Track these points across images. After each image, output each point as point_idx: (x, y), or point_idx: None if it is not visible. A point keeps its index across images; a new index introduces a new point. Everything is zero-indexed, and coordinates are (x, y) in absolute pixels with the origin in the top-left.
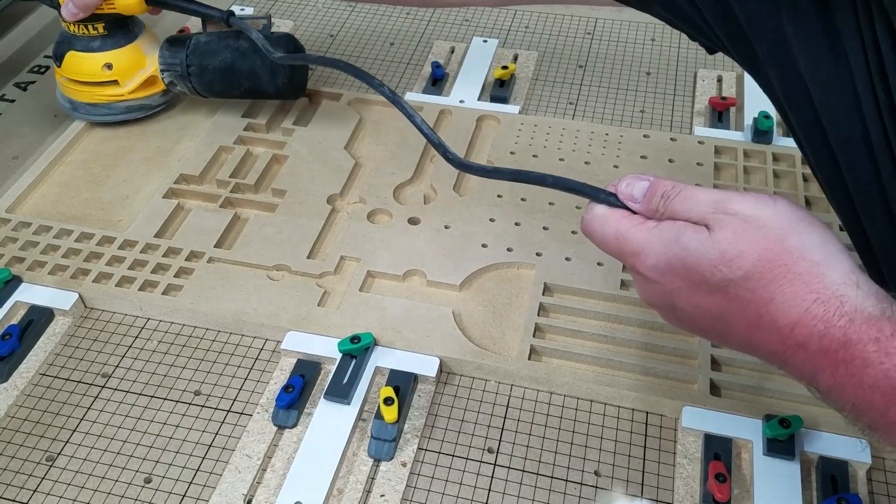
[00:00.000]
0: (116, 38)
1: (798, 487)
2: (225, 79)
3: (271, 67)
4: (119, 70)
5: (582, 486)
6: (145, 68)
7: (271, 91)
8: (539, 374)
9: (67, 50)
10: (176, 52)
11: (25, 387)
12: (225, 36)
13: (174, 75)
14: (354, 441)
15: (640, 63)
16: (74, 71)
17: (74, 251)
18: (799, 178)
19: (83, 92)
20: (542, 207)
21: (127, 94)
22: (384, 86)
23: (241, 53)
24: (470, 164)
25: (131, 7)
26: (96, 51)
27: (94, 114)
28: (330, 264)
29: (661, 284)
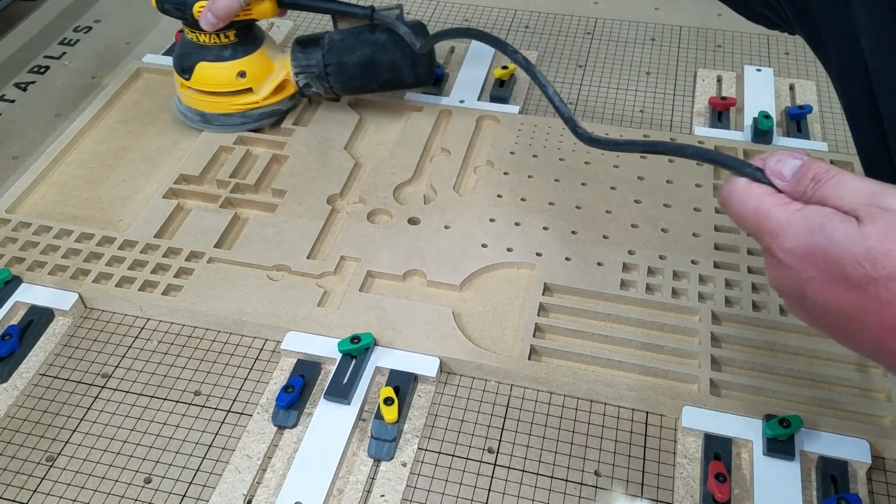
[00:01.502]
0: (246, 46)
1: (798, 487)
2: (365, 73)
3: (412, 57)
4: (252, 77)
5: (582, 486)
6: (275, 73)
7: (411, 81)
8: (539, 374)
9: (197, 61)
10: (310, 53)
11: (25, 387)
12: (359, 31)
13: (310, 76)
14: (354, 441)
15: (640, 63)
16: (207, 82)
17: (74, 251)
18: None
19: (217, 103)
20: (542, 207)
21: (261, 100)
22: (518, 52)
23: (381, 46)
24: (599, 139)
25: (266, 12)
26: (228, 59)
27: (228, 124)
28: (330, 264)
29: (795, 270)
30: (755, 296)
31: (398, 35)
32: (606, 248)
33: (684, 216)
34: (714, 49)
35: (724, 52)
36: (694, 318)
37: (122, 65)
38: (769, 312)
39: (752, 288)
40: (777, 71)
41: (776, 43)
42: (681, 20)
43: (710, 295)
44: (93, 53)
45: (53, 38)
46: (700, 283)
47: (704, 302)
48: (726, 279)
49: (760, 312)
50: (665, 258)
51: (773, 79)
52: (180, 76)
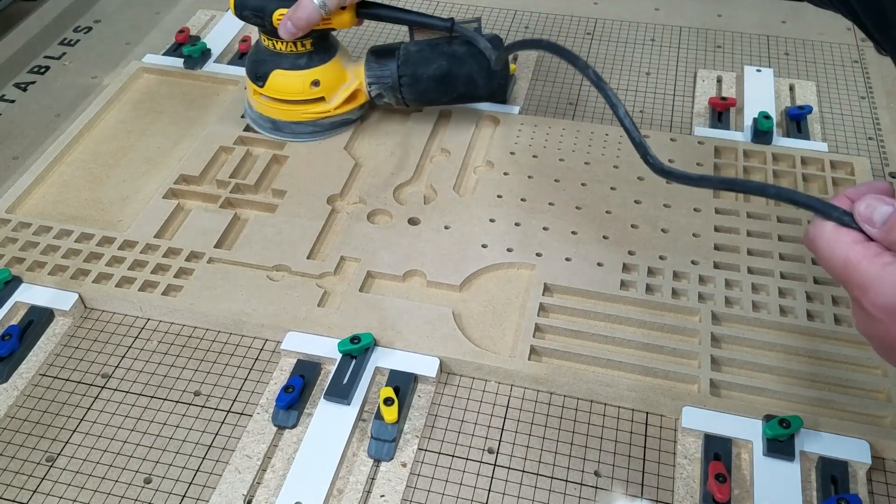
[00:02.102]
0: (321, 54)
1: (798, 488)
2: (440, 86)
3: (488, 70)
4: (325, 86)
5: (582, 486)
6: (348, 82)
7: (486, 94)
8: (539, 374)
9: (272, 69)
10: (385, 64)
11: (25, 387)
12: (436, 43)
13: (383, 87)
14: (354, 441)
15: (640, 63)
16: (281, 90)
17: (74, 251)
18: (799, 178)
19: (290, 111)
20: (542, 208)
21: (333, 109)
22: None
23: (458, 59)
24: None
25: (345, 22)
26: (303, 68)
27: (299, 132)
28: (330, 265)
29: (884, 325)
30: (755, 296)
31: (474, 48)
32: (606, 249)
33: (684, 216)
34: (714, 49)
35: (723, 53)
36: (694, 318)
37: (122, 65)
38: (769, 313)
39: (752, 288)
40: (777, 71)
41: (776, 43)
42: (681, 21)
43: (710, 295)
44: (93, 53)
45: (53, 39)
46: (700, 284)
47: (704, 302)
48: (726, 279)
49: (760, 313)
50: (665, 258)
51: (772, 79)
52: (254, 83)
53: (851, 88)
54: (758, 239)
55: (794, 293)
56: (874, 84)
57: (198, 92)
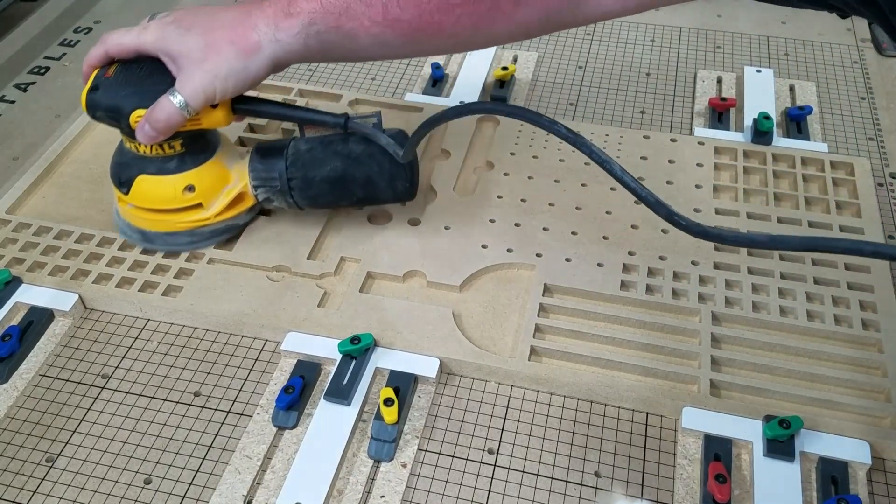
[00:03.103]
0: (195, 155)
1: (798, 488)
2: (335, 190)
3: (389, 172)
4: (202, 191)
5: (582, 486)
6: (230, 184)
7: (388, 197)
8: (539, 374)
9: (136, 174)
10: (272, 165)
11: (25, 388)
12: (329, 141)
13: (271, 191)
14: (354, 442)
15: (640, 64)
16: (148, 198)
17: (74, 252)
18: (799, 179)
19: (160, 221)
20: (542, 208)
21: (213, 217)
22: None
23: (354, 160)
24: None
25: (219, 121)
26: (173, 172)
27: (174, 244)
28: (330, 265)
29: None
30: (755, 296)
31: (374, 146)
32: (606, 249)
33: None
34: (714, 50)
35: (723, 53)
36: (694, 318)
37: None
38: (769, 313)
39: (752, 289)
40: (777, 72)
41: (776, 44)
42: (681, 21)
43: (710, 296)
44: None
45: (54, 39)
46: (700, 284)
47: (704, 303)
48: (726, 280)
49: (760, 313)
50: (665, 259)
51: (773, 80)
52: (118, 188)
53: (851, 89)
54: None
55: (794, 293)
56: (874, 84)
57: None
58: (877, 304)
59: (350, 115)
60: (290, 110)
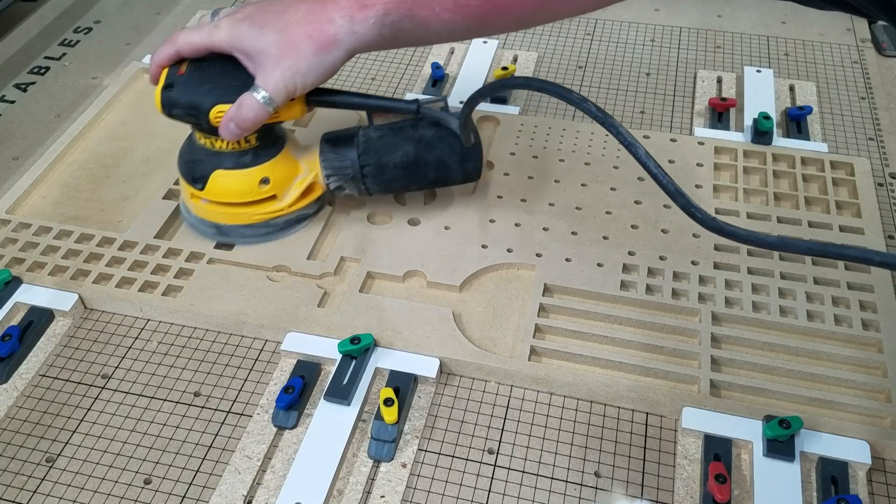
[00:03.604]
0: (268, 149)
1: (798, 488)
2: (408, 174)
3: (460, 153)
4: (276, 183)
5: (582, 486)
6: (301, 175)
7: (458, 178)
8: (539, 374)
9: (212, 170)
10: (344, 153)
11: (25, 388)
12: (399, 127)
13: (344, 179)
14: (354, 442)
15: (640, 64)
16: (224, 192)
17: (74, 252)
18: (799, 179)
19: (236, 214)
20: (542, 208)
21: (287, 207)
22: (587, 101)
23: (426, 144)
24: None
25: (295, 114)
26: (249, 166)
27: (250, 235)
28: (330, 265)
29: None
30: (755, 296)
31: (443, 130)
32: (606, 249)
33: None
34: (714, 50)
35: (723, 53)
36: (694, 318)
37: (122, 65)
38: (769, 313)
39: (752, 289)
40: (777, 72)
41: (776, 44)
42: (680, 21)
43: (710, 296)
44: (93, 54)
45: (54, 39)
46: (700, 284)
47: (704, 303)
48: (726, 280)
49: (760, 313)
50: (665, 259)
51: (772, 80)
52: (191, 185)
53: (851, 89)
54: None
55: (794, 293)
56: (874, 84)
57: None
58: (877, 304)
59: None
60: (363, 99)
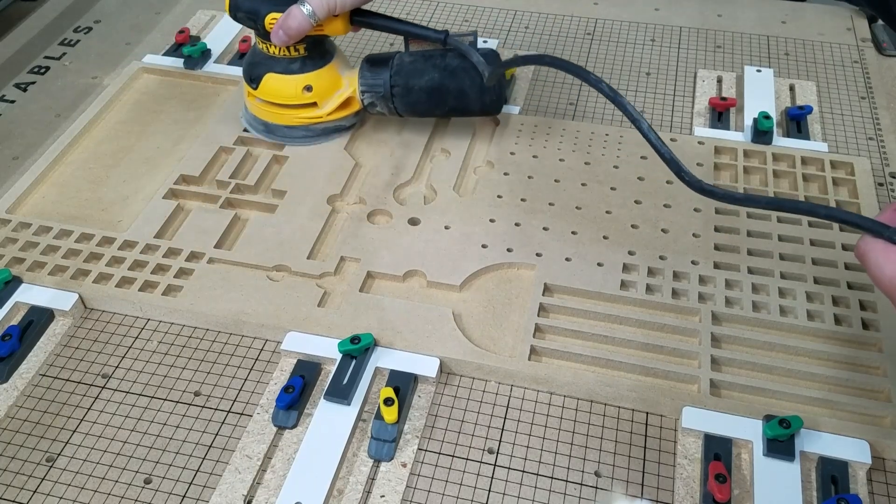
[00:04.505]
0: (315, 60)
1: (798, 488)
2: (431, 99)
3: (480, 86)
4: (318, 92)
5: (582, 486)
6: (341, 89)
7: (477, 109)
8: (539, 374)
9: (265, 72)
10: (378, 73)
11: (25, 387)
12: (430, 55)
13: (375, 96)
14: (354, 442)
15: (640, 63)
16: (273, 93)
17: (74, 252)
18: (799, 179)
19: (281, 114)
20: (542, 208)
21: (325, 115)
22: (602, 82)
23: (450, 73)
24: (713, 190)
25: (338, 29)
26: (296, 73)
27: (291, 136)
28: (330, 265)
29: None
30: (755, 296)
31: (468, 62)
32: (606, 249)
33: (684, 217)
34: (714, 49)
35: (724, 53)
36: (694, 318)
37: (122, 65)
38: (769, 313)
39: (753, 288)
40: (777, 71)
41: (776, 43)
42: (681, 21)
43: (711, 295)
44: (93, 54)
45: (53, 39)
46: (700, 284)
47: (704, 302)
48: (726, 280)
49: (760, 313)
50: (665, 259)
51: (773, 79)
52: (248, 84)
53: (851, 88)
54: (758, 239)
55: (794, 293)
56: (874, 84)
57: (198, 92)
58: (877, 304)
59: (450, 33)
60: (399, 24)
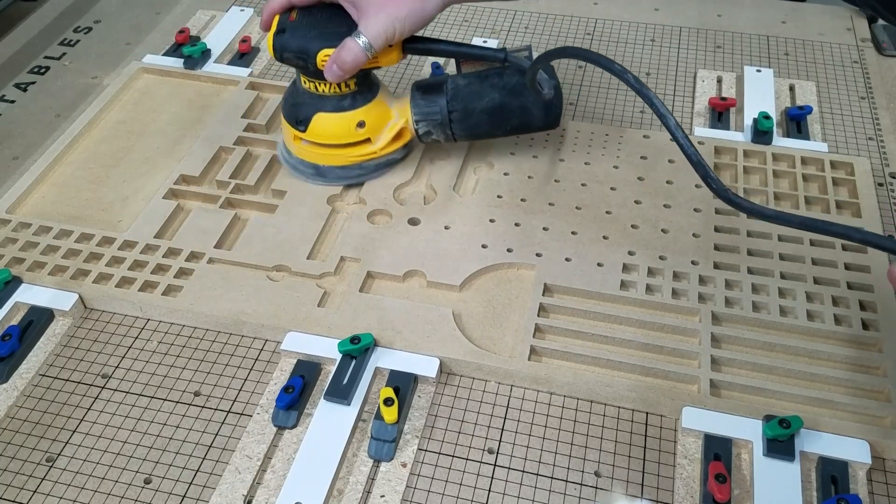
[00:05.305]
0: (364, 94)
1: (798, 488)
2: (493, 120)
3: (544, 101)
4: (371, 127)
5: (582, 486)
6: (392, 120)
7: (540, 125)
8: (539, 374)
9: (314, 112)
10: (433, 100)
11: (25, 387)
12: (485, 75)
13: (432, 124)
14: (354, 442)
15: (640, 63)
16: (325, 134)
17: (74, 252)
18: (799, 178)
19: (335, 155)
20: (542, 208)
21: (379, 150)
22: (627, 72)
23: (511, 91)
24: (739, 202)
25: (392, 59)
26: (347, 109)
27: (345, 177)
28: (330, 265)
29: None
30: (755, 296)
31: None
32: (606, 249)
33: (684, 217)
34: (714, 50)
35: (723, 53)
36: (694, 318)
37: (122, 65)
38: (769, 313)
39: (752, 289)
40: (777, 72)
41: (776, 43)
42: (680, 21)
43: (710, 295)
44: (93, 54)
45: (53, 39)
46: (700, 284)
47: (704, 303)
48: (726, 280)
49: (760, 313)
50: (665, 259)
51: (773, 79)
52: (294, 128)
53: (851, 88)
54: (758, 239)
55: (794, 293)
56: (874, 84)
57: (198, 92)
58: (877, 304)
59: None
60: (455, 47)
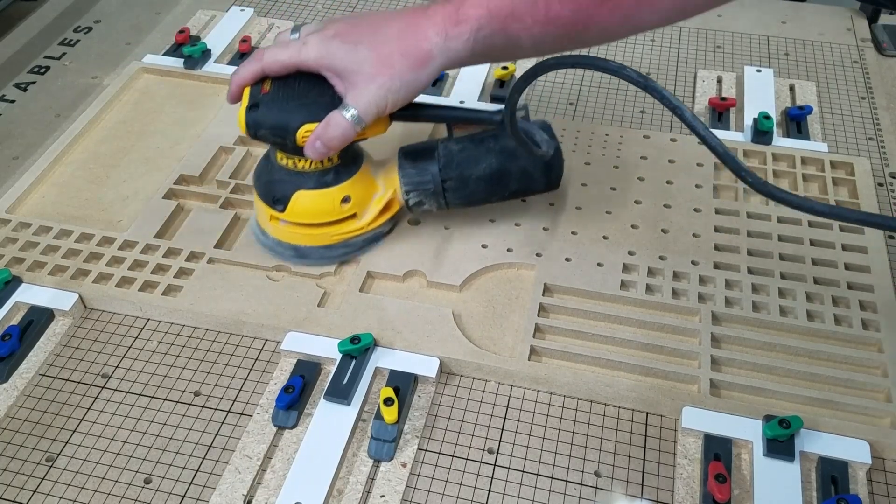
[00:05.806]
0: (348, 167)
1: (798, 488)
2: (491, 186)
3: (544, 162)
4: (356, 201)
5: (582, 486)
6: (378, 192)
7: (541, 187)
8: (539, 374)
9: (294, 190)
10: (424, 168)
11: (25, 387)
12: (480, 139)
13: (424, 194)
14: (354, 442)
15: (640, 63)
16: (306, 213)
17: (74, 252)
18: (799, 178)
19: (316, 235)
20: (542, 208)
21: (366, 226)
22: (626, 68)
23: (509, 154)
24: (784, 196)
25: (379, 129)
26: (331, 185)
27: (329, 256)
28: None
29: None
30: (755, 296)
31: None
32: (606, 249)
33: (684, 217)
34: (714, 50)
35: (723, 53)
36: (694, 318)
37: (122, 65)
38: (769, 313)
39: (752, 289)
40: (777, 71)
41: (776, 43)
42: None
43: (710, 295)
44: (93, 53)
45: (53, 39)
46: (700, 284)
47: (704, 303)
48: (726, 280)
49: (760, 313)
50: (665, 259)
51: (773, 79)
52: (271, 207)
53: (851, 88)
54: (758, 239)
55: (794, 293)
56: (874, 84)
57: (198, 92)
58: (877, 304)
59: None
60: (446, 111)
